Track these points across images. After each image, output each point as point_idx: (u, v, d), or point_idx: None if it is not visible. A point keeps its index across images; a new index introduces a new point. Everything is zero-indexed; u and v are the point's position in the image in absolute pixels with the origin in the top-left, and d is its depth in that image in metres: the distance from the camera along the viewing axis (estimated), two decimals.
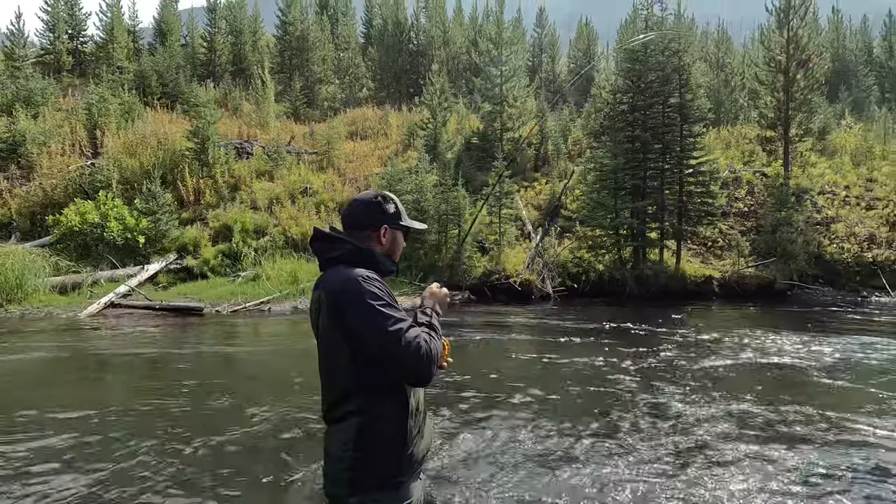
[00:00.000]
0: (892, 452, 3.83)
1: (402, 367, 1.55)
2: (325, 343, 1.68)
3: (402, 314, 1.60)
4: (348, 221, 1.81)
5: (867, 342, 7.81)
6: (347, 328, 1.58)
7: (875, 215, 15.60)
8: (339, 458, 1.63)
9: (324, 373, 1.71)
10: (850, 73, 30.01)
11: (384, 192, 1.88)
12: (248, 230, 14.94)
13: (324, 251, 1.74)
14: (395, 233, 1.83)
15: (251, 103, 23.76)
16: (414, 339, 1.55)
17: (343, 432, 1.63)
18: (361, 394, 1.61)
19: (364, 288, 1.58)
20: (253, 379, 6.40)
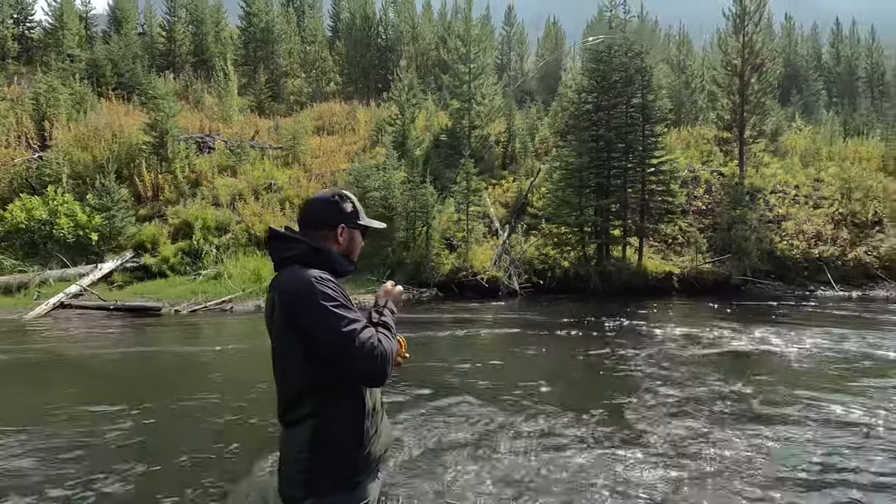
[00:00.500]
0: (836, 427, 4.09)
1: (356, 367, 1.55)
2: (279, 344, 1.66)
3: (355, 315, 1.60)
4: (304, 221, 1.79)
5: (812, 332, 8.25)
6: (300, 330, 1.57)
7: (821, 213, 16.45)
8: (294, 460, 1.62)
9: (278, 375, 1.69)
10: (801, 78, 31.49)
11: (341, 191, 1.87)
12: (210, 227, 14.52)
13: (278, 251, 1.72)
14: (352, 232, 1.81)
15: (213, 96, 23.04)
16: (368, 339, 1.55)
17: (298, 434, 1.61)
18: (316, 395, 1.60)
19: (317, 289, 1.56)
20: (209, 380, 6.23)
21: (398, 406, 4.80)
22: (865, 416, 4.53)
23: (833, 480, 3.41)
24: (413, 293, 12.96)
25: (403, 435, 4.14)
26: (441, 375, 5.98)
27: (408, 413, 4.66)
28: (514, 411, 4.70)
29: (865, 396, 5.06)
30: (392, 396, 5.13)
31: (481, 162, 18.71)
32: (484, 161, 19.07)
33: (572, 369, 6.23)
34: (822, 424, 4.35)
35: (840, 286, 14.17)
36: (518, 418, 4.51)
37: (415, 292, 13.02)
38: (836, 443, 3.98)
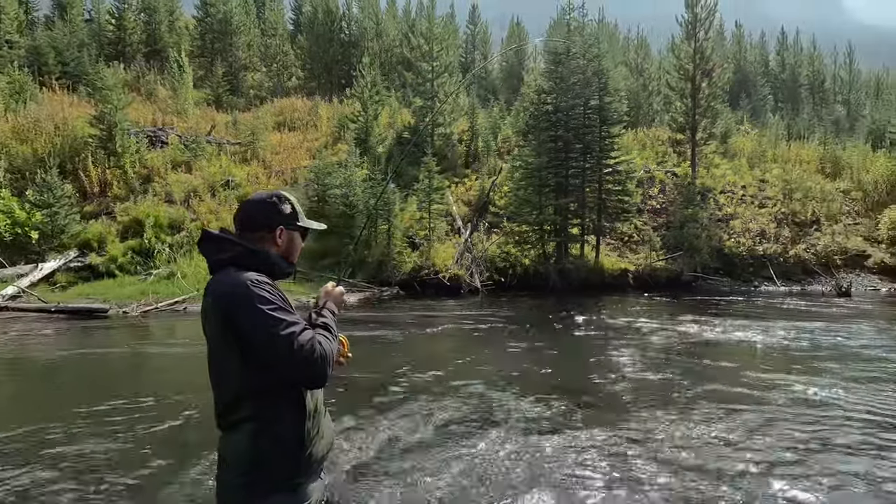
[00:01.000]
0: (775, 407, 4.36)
1: (295, 370, 1.55)
2: (214, 348, 1.64)
3: (294, 317, 1.59)
4: (241, 223, 1.76)
5: (756, 325, 8.74)
6: (236, 333, 1.55)
7: (766, 213, 17.36)
8: (232, 464, 1.60)
9: (214, 379, 1.67)
10: (750, 83, 33.03)
11: (280, 192, 1.84)
12: (162, 225, 14.00)
13: (212, 253, 1.69)
14: (291, 234, 1.80)
15: (167, 88, 22.17)
16: (307, 341, 1.54)
17: (237, 439, 1.60)
18: (254, 399, 1.59)
19: (253, 292, 1.55)
20: (155, 383, 6.04)
21: (350, 406, 4.79)
22: (806, 394, 4.85)
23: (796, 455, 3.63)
24: (374, 292, 12.90)
25: (353, 435, 4.14)
26: (396, 374, 6.00)
27: (358, 413, 4.65)
28: (469, 408, 4.77)
29: (813, 378, 5.41)
30: (344, 396, 5.11)
31: (444, 160, 18.78)
32: (447, 159, 19.14)
33: (530, 364, 6.37)
34: (770, 402, 4.62)
35: (782, 281, 15.01)
36: (474, 414, 4.58)
37: (376, 291, 12.96)
38: (790, 418, 4.25)
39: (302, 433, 1.63)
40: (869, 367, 6.17)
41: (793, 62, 36.37)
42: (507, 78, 32.09)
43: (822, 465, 3.55)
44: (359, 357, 7.02)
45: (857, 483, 3.34)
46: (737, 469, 3.51)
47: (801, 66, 36.24)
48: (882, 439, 4.00)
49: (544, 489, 3.27)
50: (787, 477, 3.40)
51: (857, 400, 4.93)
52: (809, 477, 3.40)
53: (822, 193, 17.93)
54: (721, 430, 4.19)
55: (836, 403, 4.82)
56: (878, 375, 5.78)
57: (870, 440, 3.99)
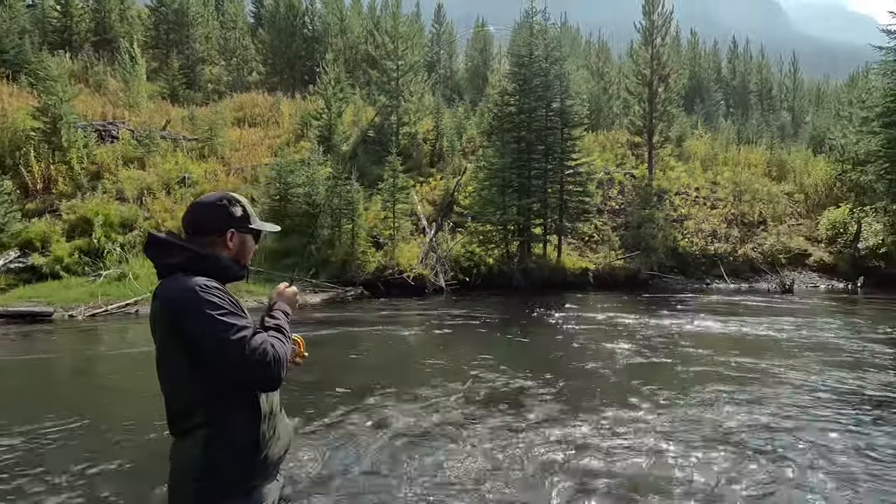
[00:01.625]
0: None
1: (249, 374, 1.53)
2: (163, 355, 1.60)
3: (244, 321, 1.57)
4: (190, 226, 1.72)
5: (708, 318, 9.18)
6: (186, 340, 1.52)
7: (717, 214, 18.18)
8: (185, 470, 1.57)
9: (164, 385, 1.64)
10: (703, 89, 34.48)
11: (230, 194, 1.81)
12: (113, 224, 13.38)
13: (160, 258, 1.65)
14: (243, 236, 1.77)
15: (118, 80, 21.16)
16: (259, 345, 1.53)
17: (189, 444, 1.57)
18: (206, 405, 1.56)
19: (201, 297, 1.53)
20: (99, 389, 5.79)
21: (309, 407, 4.74)
22: (764, 379, 5.15)
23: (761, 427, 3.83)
24: (338, 292, 12.75)
25: (312, 436, 4.10)
26: (358, 375, 5.97)
27: (317, 414, 4.61)
28: (430, 407, 4.79)
29: (766, 363, 5.73)
30: (303, 397, 5.05)
31: (409, 159, 18.75)
32: (412, 159, 19.12)
33: (495, 361, 6.46)
34: (723, 384, 4.86)
35: (731, 279, 15.77)
36: (435, 413, 4.61)
37: (339, 291, 12.81)
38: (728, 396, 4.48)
39: (257, 436, 1.62)
40: (812, 353, 6.59)
41: (743, 70, 38.22)
42: (472, 78, 32.31)
43: (778, 442, 3.78)
44: (320, 358, 6.94)
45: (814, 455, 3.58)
46: (709, 449, 3.69)
47: (750, 74, 38.12)
48: (824, 407, 4.30)
49: (509, 485, 3.33)
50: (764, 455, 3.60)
51: (805, 378, 5.26)
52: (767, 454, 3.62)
53: (768, 195, 18.93)
54: (684, 414, 4.38)
55: (787, 380, 5.14)
56: (825, 359, 6.18)
57: (818, 412, 4.27)
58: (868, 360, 6.47)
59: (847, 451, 3.79)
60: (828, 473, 3.46)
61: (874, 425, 4.31)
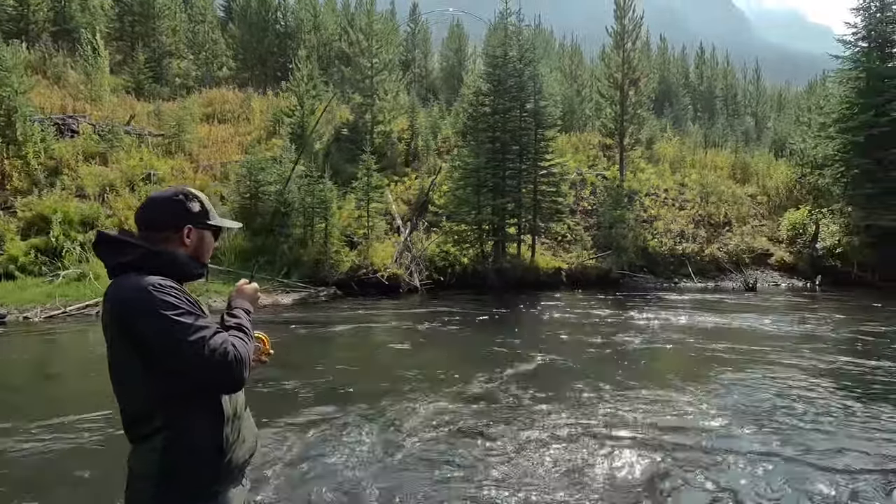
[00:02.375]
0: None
1: (209, 376, 1.47)
2: (116, 358, 1.53)
3: (203, 321, 1.50)
4: (144, 222, 1.65)
5: (676, 315, 9.42)
6: (139, 343, 1.45)
7: (685, 215, 18.69)
8: (143, 476, 1.50)
9: (117, 389, 1.56)
10: (672, 93, 35.41)
11: (187, 189, 1.73)
12: (73, 222, 12.84)
13: (111, 257, 1.57)
14: (201, 233, 1.70)
15: (79, 73, 20.32)
16: (220, 345, 1.46)
17: (148, 449, 1.50)
18: (164, 409, 1.49)
19: (155, 297, 1.46)
20: (54, 394, 5.54)
21: (278, 408, 4.64)
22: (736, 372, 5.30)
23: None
24: (310, 292, 12.56)
25: (280, 438, 4.02)
26: (329, 375, 5.88)
27: (286, 415, 4.52)
28: (403, 408, 4.76)
29: (737, 358, 5.91)
30: (271, 398, 4.94)
31: (384, 158, 18.63)
32: (387, 157, 18.99)
33: (468, 359, 6.47)
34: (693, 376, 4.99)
35: (698, 278, 16.23)
36: (409, 415, 4.58)
37: (312, 291, 12.62)
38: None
39: (220, 439, 1.57)
40: (773, 345, 6.83)
41: (709, 76, 39.43)
42: (447, 78, 32.33)
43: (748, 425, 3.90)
44: (291, 359, 6.81)
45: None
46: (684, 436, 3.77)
47: (716, 80, 39.37)
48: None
49: (476, 485, 3.33)
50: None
51: (770, 363, 5.45)
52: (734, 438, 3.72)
53: (733, 197, 19.57)
54: (661, 405, 4.47)
55: (755, 372, 5.31)
56: (783, 350, 6.41)
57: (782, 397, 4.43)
58: (823, 348, 6.75)
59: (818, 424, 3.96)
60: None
61: (830, 397, 4.50)
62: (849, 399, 4.94)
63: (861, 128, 16.32)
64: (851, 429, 4.20)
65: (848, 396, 5.02)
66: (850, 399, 4.93)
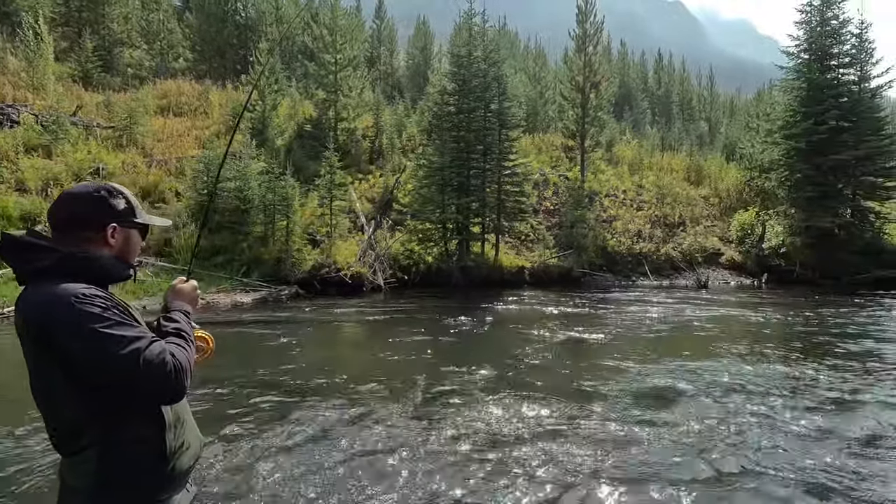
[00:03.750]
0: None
1: (148, 389, 1.38)
2: (37, 373, 1.42)
3: (135, 331, 1.40)
4: (61, 221, 1.50)
5: (636, 312, 9.76)
6: (63, 359, 1.35)
7: (642, 215, 19.34)
8: (78, 489, 1.42)
9: (41, 404, 1.45)
10: (632, 98, 36.56)
11: (109, 185, 1.60)
12: (12, 217, 12.08)
13: (22, 262, 1.43)
14: (127, 232, 1.58)
15: (19, 59, 19.11)
16: (157, 355, 1.37)
17: (83, 461, 1.41)
18: (98, 423, 1.40)
19: (79, 310, 1.34)
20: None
21: (230, 412, 4.53)
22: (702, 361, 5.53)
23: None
24: (271, 291, 12.28)
25: (229, 442, 3.93)
26: (286, 376, 5.78)
27: (239, 418, 4.42)
28: (359, 409, 4.73)
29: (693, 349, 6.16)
30: (222, 402, 4.82)
31: (348, 156, 18.40)
32: (351, 155, 18.77)
33: (431, 358, 6.48)
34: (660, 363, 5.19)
35: (654, 276, 16.83)
36: (364, 417, 4.55)
37: (273, 290, 12.34)
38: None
39: (163, 448, 1.50)
40: (721, 333, 7.19)
41: (667, 81, 40.94)
42: (412, 76, 32.26)
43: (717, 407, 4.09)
44: (247, 360, 6.63)
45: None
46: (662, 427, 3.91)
47: (673, 85, 40.92)
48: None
49: (435, 485, 3.36)
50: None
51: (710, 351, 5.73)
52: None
53: (687, 199, 20.40)
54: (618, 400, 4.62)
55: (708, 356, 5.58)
56: (734, 337, 6.76)
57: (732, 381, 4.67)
58: (760, 337, 7.16)
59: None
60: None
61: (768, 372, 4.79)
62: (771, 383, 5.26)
63: (802, 135, 17.34)
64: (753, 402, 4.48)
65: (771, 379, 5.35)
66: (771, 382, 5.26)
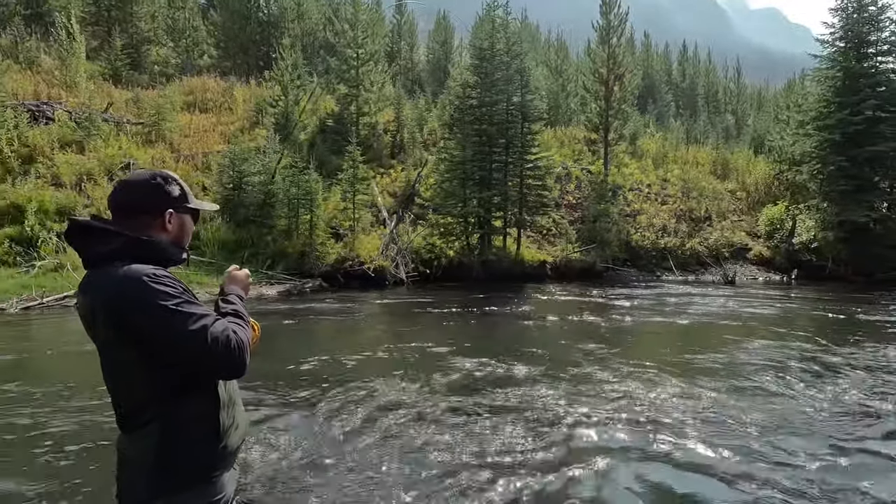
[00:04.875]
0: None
1: (214, 365, 1.46)
2: (110, 354, 1.49)
3: (202, 309, 1.48)
4: (121, 207, 1.57)
5: (663, 307, 9.61)
6: (138, 336, 1.42)
7: (667, 209, 19.00)
8: (139, 463, 1.48)
9: (111, 383, 1.53)
10: (656, 90, 35.84)
11: (164, 172, 1.67)
12: (49, 211, 12.48)
13: (89, 247, 1.51)
14: (182, 217, 1.66)
15: (53, 58, 19.68)
16: (222, 332, 1.45)
17: (143, 436, 1.48)
18: (162, 400, 1.48)
19: (152, 288, 1.41)
20: (37, 386, 5.42)
21: (264, 398, 4.62)
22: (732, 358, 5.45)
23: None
24: (295, 284, 12.46)
25: (268, 428, 4.01)
26: (315, 366, 5.86)
27: (273, 406, 4.50)
28: (391, 398, 4.77)
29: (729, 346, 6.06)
30: (257, 389, 4.92)
31: (369, 150, 18.50)
32: (372, 149, 18.87)
33: (454, 351, 6.50)
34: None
35: (679, 272, 16.55)
36: (398, 407, 4.60)
37: (297, 283, 12.52)
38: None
39: (217, 425, 1.57)
40: (759, 328, 7.03)
41: (692, 73, 40.00)
42: (433, 70, 32.19)
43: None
44: (277, 349, 6.75)
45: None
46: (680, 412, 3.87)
47: (698, 77, 39.96)
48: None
49: (475, 474, 3.37)
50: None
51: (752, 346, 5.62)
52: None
53: (713, 193, 19.95)
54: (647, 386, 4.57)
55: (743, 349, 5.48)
56: (771, 331, 6.60)
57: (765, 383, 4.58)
58: (792, 333, 6.97)
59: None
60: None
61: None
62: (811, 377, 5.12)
63: (837, 126, 16.76)
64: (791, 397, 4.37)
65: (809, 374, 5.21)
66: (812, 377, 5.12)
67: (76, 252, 1.55)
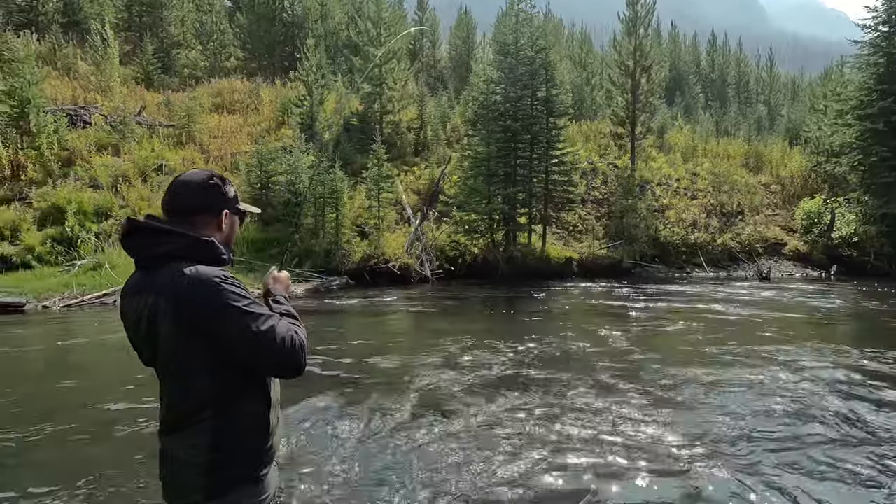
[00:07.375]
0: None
1: (280, 364, 1.47)
2: (174, 357, 1.48)
3: (265, 309, 1.50)
4: (179, 206, 1.56)
5: (695, 304, 9.36)
6: (213, 338, 1.42)
7: (697, 204, 18.50)
8: (189, 463, 1.48)
9: (171, 386, 1.52)
10: (684, 81, 34.91)
11: (218, 173, 1.67)
12: (87, 212, 12.95)
13: (148, 247, 1.50)
14: (233, 218, 1.66)
15: (89, 64, 20.37)
16: (287, 332, 1.47)
17: (195, 436, 1.48)
18: (221, 400, 1.48)
19: (225, 290, 1.42)
20: (83, 381, 5.61)
21: (299, 392, 4.68)
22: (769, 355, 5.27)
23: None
24: (322, 281, 12.61)
25: (302, 426, 4.05)
26: (347, 364, 5.91)
27: (306, 403, 4.55)
28: (422, 397, 4.77)
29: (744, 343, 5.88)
30: (291, 383, 4.98)
31: (393, 148, 18.57)
32: (396, 147, 18.93)
33: (485, 348, 6.47)
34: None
35: (711, 268, 16.10)
36: (426, 405, 4.59)
37: (324, 280, 12.67)
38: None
39: (267, 425, 1.58)
40: (798, 329, 6.77)
41: (721, 63, 38.79)
42: (455, 67, 32.09)
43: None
44: (313, 348, 6.82)
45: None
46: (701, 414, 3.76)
47: (728, 68, 38.73)
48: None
49: (508, 474, 3.34)
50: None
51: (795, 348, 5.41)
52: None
53: (746, 186, 19.33)
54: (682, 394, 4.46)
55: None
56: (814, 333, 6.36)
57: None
58: (834, 335, 6.68)
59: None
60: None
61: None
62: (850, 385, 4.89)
63: (880, 115, 16.01)
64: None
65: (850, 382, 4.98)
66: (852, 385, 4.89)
67: (129, 252, 1.53)
